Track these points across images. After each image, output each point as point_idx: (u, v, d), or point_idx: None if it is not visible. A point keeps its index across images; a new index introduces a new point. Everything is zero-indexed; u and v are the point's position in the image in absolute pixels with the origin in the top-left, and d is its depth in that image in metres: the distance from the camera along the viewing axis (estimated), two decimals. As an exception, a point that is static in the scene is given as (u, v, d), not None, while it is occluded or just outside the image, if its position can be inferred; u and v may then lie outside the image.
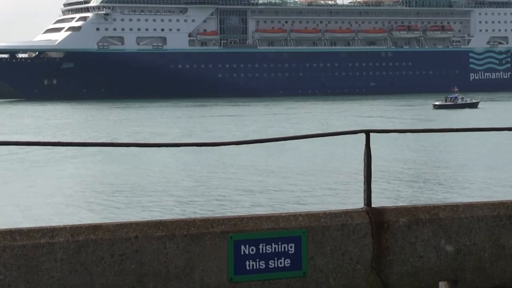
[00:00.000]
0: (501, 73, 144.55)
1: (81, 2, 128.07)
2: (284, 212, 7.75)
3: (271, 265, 7.21)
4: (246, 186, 32.46)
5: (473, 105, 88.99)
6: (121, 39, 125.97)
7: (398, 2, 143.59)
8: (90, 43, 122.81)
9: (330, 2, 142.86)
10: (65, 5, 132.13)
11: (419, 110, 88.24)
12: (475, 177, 34.23)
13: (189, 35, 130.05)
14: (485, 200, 8.42)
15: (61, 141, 9.23)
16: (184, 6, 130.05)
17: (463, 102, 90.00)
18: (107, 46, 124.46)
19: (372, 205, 7.63)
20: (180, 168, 37.65)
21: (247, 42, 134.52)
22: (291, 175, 34.98)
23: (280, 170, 36.59)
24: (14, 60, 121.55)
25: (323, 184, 32.23)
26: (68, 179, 35.19)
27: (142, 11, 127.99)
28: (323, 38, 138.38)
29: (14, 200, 29.68)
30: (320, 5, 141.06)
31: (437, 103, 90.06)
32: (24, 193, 31.52)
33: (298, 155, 40.02)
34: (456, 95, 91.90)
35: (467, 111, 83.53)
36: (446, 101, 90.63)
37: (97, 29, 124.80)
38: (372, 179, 7.69)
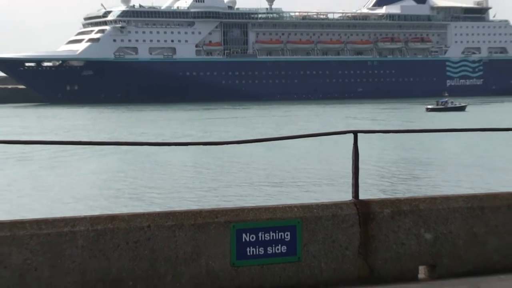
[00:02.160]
0: (474, 79, 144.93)
1: (100, 16, 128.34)
2: (281, 204, 7.75)
3: (269, 251, 7.21)
4: (247, 180, 32.46)
5: (461, 108, 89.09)
6: (135, 50, 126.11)
7: (383, 16, 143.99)
8: (107, 53, 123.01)
9: (322, 16, 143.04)
10: (85, 19, 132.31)
11: (413, 113, 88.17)
12: (452, 173, 34.25)
13: (196, 46, 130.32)
14: (460, 193, 8.42)
15: (82, 140, 9.24)
16: (191, 20, 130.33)
17: (453, 105, 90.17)
18: (122, 55, 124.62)
19: (359, 198, 7.67)
20: (187, 165, 37.64)
21: (247, 52, 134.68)
22: (287, 171, 34.98)
23: (277, 166, 36.60)
24: (40, 68, 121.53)
25: (316, 179, 32.22)
26: (89, 174, 35.19)
27: (154, 25, 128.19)
28: (315, 49, 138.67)
29: (43, 192, 29.75)
30: (313, 19, 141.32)
31: (429, 106, 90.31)
32: (52, 186, 31.57)
33: (293, 153, 40.01)
34: (446, 99, 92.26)
35: (455, 113, 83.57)
36: (437, 104, 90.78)
37: (114, 40, 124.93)
38: (359, 174, 7.72)
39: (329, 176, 32.79)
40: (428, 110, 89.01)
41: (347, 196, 7.78)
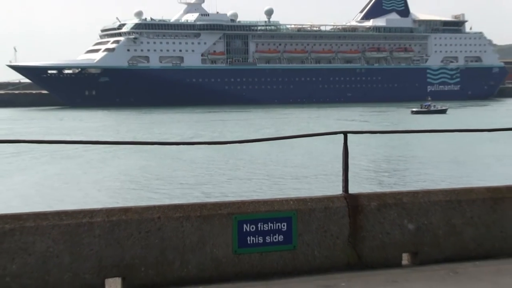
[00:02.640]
0: (452, 85, 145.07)
1: (115, 28, 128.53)
2: (278, 197, 7.77)
3: (268, 240, 7.22)
4: (247, 176, 32.47)
5: (443, 111, 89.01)
6: (147, 58, 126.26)
7: (370, 28, 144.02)
8: (122, 62, 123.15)
9: (315, 28, 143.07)
10: (102, 31, 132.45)
11: (398, 115, 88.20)
12: (433, 169, 34.26)
13: (202, 55, 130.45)
14: (440, 188, 8.43)
15: (99, 140, 9.24)
16: (197, 31, 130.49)
17: (435, 109, 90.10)
18: (135, 63, 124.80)
19: (349, 192, 7.69)
20: (195, 162, 37.63)
21: (248, 60, 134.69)
22: (284, 168, 34.99)
23: (276, 163, 36.62)
24: (61, 75, 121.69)
25: (310, 175, 32.24)
26: (106, 171, 35.19)
27: (164, 36, 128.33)
28: (309, 58, 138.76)
29: (67, 186, 29.82)
30: (307, 31, 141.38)
31: (414, 109, 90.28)
32: (75, 181, 31.64)
33: (290, 151, 40.02)
34: (429, 103, 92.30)
35: (437, 116, 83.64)
36: (421, 108, 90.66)
37: (128, 50, 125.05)
38: (349, 171, 7.73)
39: (322, 172, 32.79)
40: (413, 112, 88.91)
41: (338, 190, 7.78)
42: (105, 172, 34.78)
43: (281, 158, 38.46)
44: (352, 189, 7.74)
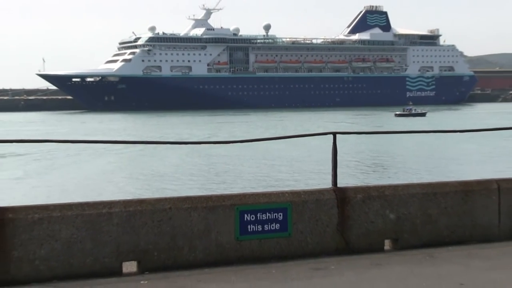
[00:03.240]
0: (428, 92, 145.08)
1: (131, 41, 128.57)
2: (275, 190, 7.77)
3: (266, 228, 7.22)
4: (248, 172, 32.46)
5: (423, 114, 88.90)
6: (159, 68, 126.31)
7: (356, 41, 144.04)
8: (137, 71, 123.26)
9: (307, 41, 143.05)
10: (120, 43, 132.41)
11: (383, 118, 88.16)
12: (413, 165, 34.26)
13: (208, 65, 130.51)
14: (418, 182, 8.44)
15: (113, 139, 9.21)
16: (204, 44, 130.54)
17: (416, 112, 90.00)
18: (149, 72, 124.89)
19: (338, 185, 7.68)
20: (200, 159, 37.62)
21: (248, 69, 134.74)
22: (281, 164, 34.98)
23: (273, 160, 36.60)
24: (83, 83, 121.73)
25: (303, 171, 32.21)
26: (121, 167, 35.21)
27: (174, 48, 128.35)
28: (302, 67, 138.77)
29: (88, 179, 29.81)
30: (300, 44, 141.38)
31: (397, 112, 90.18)
32: (97, 175, 31.63)
33: (284, 151, 39.97)
34: (410, 107, 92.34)
35: (418, 118, 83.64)
36: (403, 111, 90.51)
37: (142, 60, 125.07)
38: (338, 167, 7.72)
39: (313, 168, 32.77)
40: (396, 115, 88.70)
41: (328, 184, 7.78)
42: (121, 168, 34.78)
43: (277, 155, 38.41)
44: (340, 183, 7.74)
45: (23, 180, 29.99)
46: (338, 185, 7.67)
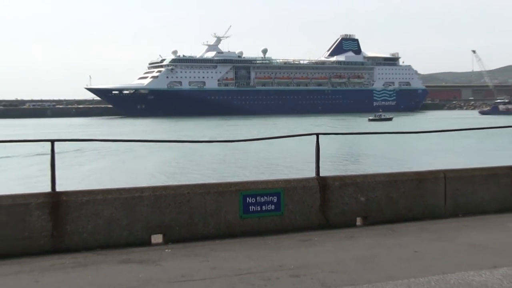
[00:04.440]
0: (390, 102, 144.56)
1: (158, 62, 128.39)
2: (271, 179, 7.77)
3: (264, 208, 7.21)
4: (250, 165, 32.41)
5: (390, 119, 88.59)
6: (180, 82, 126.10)
7: (334, 62, 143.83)
8: (163, 85, 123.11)
9: (296, 62, 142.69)
10: (149, 64, 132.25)
11: (358, 122, 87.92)
12: (379, 159, 34.18)
13: (218, 80, 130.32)
14: (383, 172, 8.45)
15: (145, 139, 9.21)
16: (215, 64, 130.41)
17: (385, 117, 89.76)
18: (172, 86, 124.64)
19: (320, 175, 7.68)
20: (211, 155, 37.55)
21: (250, 84, 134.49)
22: (276, 160, 34.92)
23: (271, 157, 36.54)
24: (121, 94, 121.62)
25: (293, 164, 32.12)
26: (152, 162, 35.12)
27: (192, 67, 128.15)
28: (292, 82, 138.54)
29: (126, 172, 29.78)
30: (291, 64, 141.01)
31: (370, 117, 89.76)
32: (130, 169, 31.59)
33: (281, 149, 39.89)
34: (380, 113, 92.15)
35: (386, 122, 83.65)
36: (375, 117, 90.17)
37: (167, 77, 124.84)
38: (320, 161, 7.72)
39: (302, 162, 32.72)
40: (370, 120, 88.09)
41: (313, 174, 7.78)
42: (152, 162, 34.74)
43: (274, 152, 38.34)
44: (322, 173, 7.74)
45: (77, 169, 29.97)
46: (320, 175, 7.67)
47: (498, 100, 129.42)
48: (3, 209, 6.17)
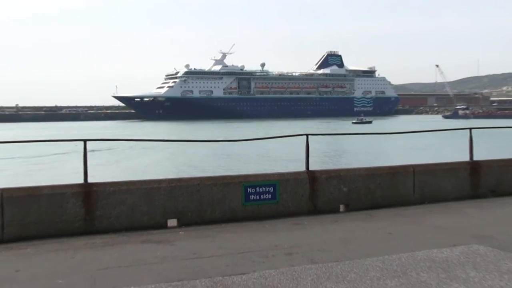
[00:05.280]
0: (368, 107, 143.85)
1: (173, 74, 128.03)
2: (268, 172, 7.75)
3: (262, 197, 7.20)
4: (250, 160, 32.37)
5: (370, 122, 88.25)
6: (191, 91, 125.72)
7: (321, 74, 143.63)
8: (177, 93, 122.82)
9: (289, 74, 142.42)
10: (166, 75, 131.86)
11: (342, 125, 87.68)
12: (360, 156, 34.13)
13: (223, 89, 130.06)
14: (362, 166, 8.43)
15: (161, 139, 9.19)
16: (221, 76, 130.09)
17: (366, 121, 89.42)
18: (185, 94, 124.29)
19: (309, 169, 7.66)
20: (217, 153, 37.49)
21: (250, 93, 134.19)
22: (272, 157, 34.88)
23: (268, 154, 36.48)
24: (142, 101, 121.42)
25: (287, 160, 32.06)
26: (167, 159, 35.07)
27: (201, 78, 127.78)
28: (286, 91, 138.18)
29: (146, 166, 29.72)
30: (285, 75, 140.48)
31: (354, 121, 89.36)
32: (150, 163, 31.51)
33: (272, 147, 39.80)
34: (362, 117, 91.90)
35: (367, 125, 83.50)
36: (358, 120, 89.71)
37: (181, 86, 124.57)
38: (309, 157, 7.70)
39: (294, 158, 32.67)
40: (353, 123, 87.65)
41: (303, 168, 7.76)
42: (166, 158, 34.70)
43: (271, 149, 38.27)
44: (311, 168, 7.73)
45: (106, 164, 29.93)
46: (310, 169, 7.65)
47: (458, 107, 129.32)
48: (44, 197, 6.20)
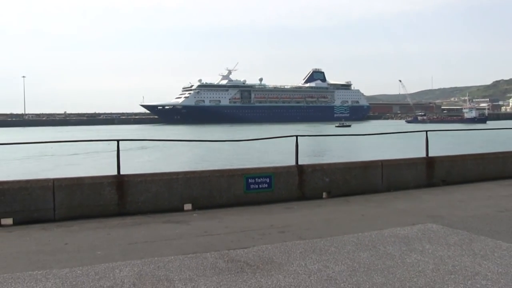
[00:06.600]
0: (345, 114, 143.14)
1: (189, 87, 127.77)
2: (265, 166, 7.74)
3: (260, 186, 7.20)
4: (251, 158, 32.27)
5: (349, 126, 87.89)
6: (203, 101, 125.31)
7: (308, 87, 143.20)
8: (192, 102, 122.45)
9: (282, 87, 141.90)
10: (183, 88, 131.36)
11: (326, 128, 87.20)
12: (339, 152, 34.00)
13: (229, 99, 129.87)
14: (341, 161, 8.43)
15: (177, 139, 9.16)
16: (227, 88, 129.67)
17: (346, 124, 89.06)
18: (198, 103, 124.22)
19: (298, 163, 7.64)
20: (223, 150, 37.35)
21: (251, 102, 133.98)
22: (268, 154, 34.72)
23: (266, 152, 36.33)
24: (163, 109, 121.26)
25: (281, 157, 31.92)
26: (182, 156, 34.92)
27: (211, 90, 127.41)
28: (279, 101, 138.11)
29: (168, 161, 29.61)
30: (278, 88, 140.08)
31: (337, 124, 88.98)
32: (161, 159, 31.39)
33: (272, 147, 39.63)
34: (343, 122, 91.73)
35: (347, 128, 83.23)
36: (339, 124, 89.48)
37: (194, 97, 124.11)
38: (298, 155, 7.70)
39: (286, 155, 32.51)
40: (336, 126, 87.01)
41: (293, 163, 7.75)
42: (182, 154, 34.58)
43: (268, 148, 38.12)
44: (300, 162, 7.72)
45: (137, 159, 29.89)
46: (299, 163, 7.65)
47: (417, 113, 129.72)
48: (86, 185, 6.23)
